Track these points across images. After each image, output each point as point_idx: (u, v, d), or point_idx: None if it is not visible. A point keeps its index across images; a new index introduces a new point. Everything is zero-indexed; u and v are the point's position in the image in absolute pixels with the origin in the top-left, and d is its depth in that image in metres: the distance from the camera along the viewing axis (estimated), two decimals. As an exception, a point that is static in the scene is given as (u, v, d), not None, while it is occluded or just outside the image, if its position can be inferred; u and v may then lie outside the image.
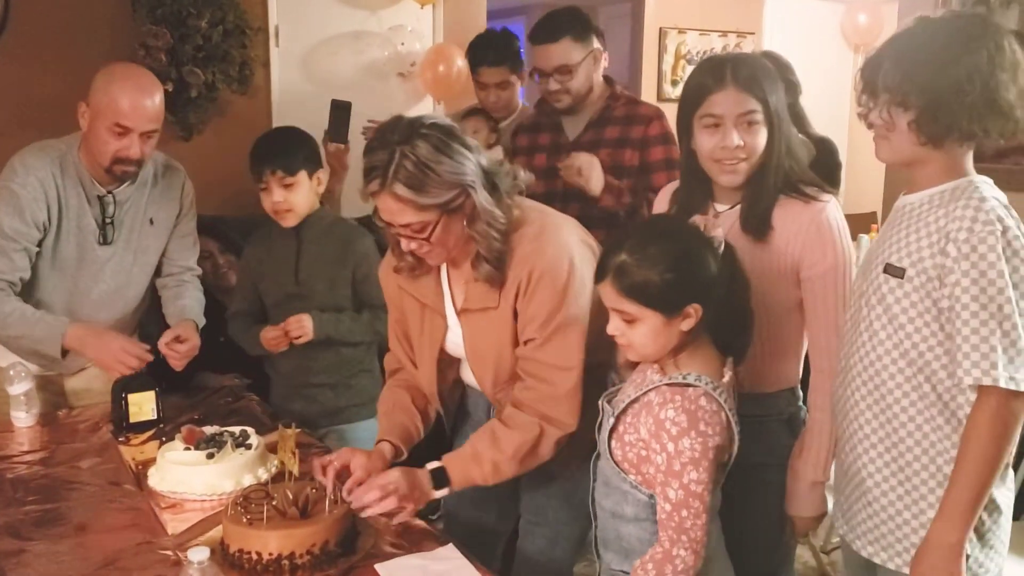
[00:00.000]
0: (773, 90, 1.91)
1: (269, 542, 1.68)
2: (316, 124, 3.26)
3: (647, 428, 1.62)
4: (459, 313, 1.94)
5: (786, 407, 2.02)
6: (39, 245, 2.42)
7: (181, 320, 2.58)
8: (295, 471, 1.83)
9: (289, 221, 2.65)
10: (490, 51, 3.42)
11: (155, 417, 2.41)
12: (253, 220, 3.90)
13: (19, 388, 2.41)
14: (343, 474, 1.84)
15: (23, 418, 2.42)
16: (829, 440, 1.90)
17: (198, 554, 1.38)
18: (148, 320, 2.87)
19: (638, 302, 1.63)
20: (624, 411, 1.69)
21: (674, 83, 5.74)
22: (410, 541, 1.82)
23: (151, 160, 2.57)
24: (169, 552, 1.77)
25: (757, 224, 1.92)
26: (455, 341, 1.98)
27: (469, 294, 1.90)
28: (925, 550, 1.61)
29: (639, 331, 1.65)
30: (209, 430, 2.13)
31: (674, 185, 2.12)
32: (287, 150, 2.62)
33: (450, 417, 2.14)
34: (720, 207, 2.00)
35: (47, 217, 2.40)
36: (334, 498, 1.77)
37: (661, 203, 2.17)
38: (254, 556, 1.69)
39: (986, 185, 1.63)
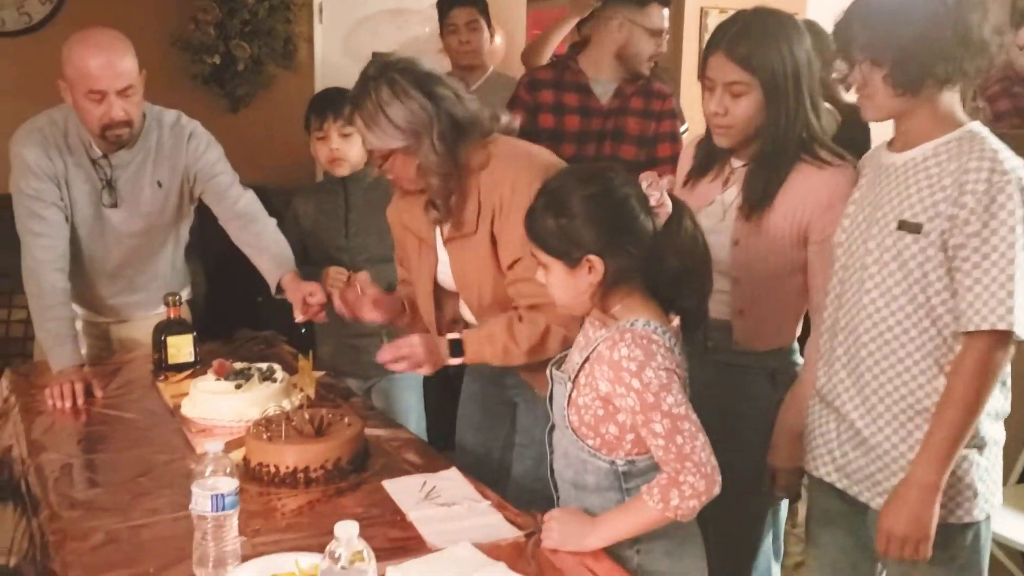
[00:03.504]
0: (778, 60, 1.88)
1: (286, 456, 1.82)
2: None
3: (605, 379, 1.55)
4: (445, 242, 2.07)
5: (770, 361, 2.03)
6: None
7: (286, 277, 2.51)
8: (311, 393, 1.96)
9: (342, 170, 2.80)
10: None
11: (192, 359, 2.55)
12: (296, 188, 4.08)
13: (67, 329, 2.56)
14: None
15: (70, 357, 2.57)
16: None
17: (213, 446, 1.52)
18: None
19: (540, 248, 1.61)
20: (576, 376, 1.62)
21: (713, 62, 5.75)
22: (419, 463, 1.95)
23: (155, 122, 2.55)
24: (196, 466, 1.90)
25: (755, 197, 1.94)
26: (445, 272, 2.11)
27: (447, 226, 2.04)
28: (903, 489, 1.66)
29: (550, 280, 1.62)
30: (239, 365, 2.27)
31: (698, 137, 2.14)
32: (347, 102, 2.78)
33: None
34: (736, 163, 2.03)
35: (55, 171, 2.47)
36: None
37: (686, 154, 2.23)
38: (272, 469, 1.83)
39: (989, 133, 1.66)
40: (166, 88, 2.78)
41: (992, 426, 1.71)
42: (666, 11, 2.95)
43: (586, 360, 1.60)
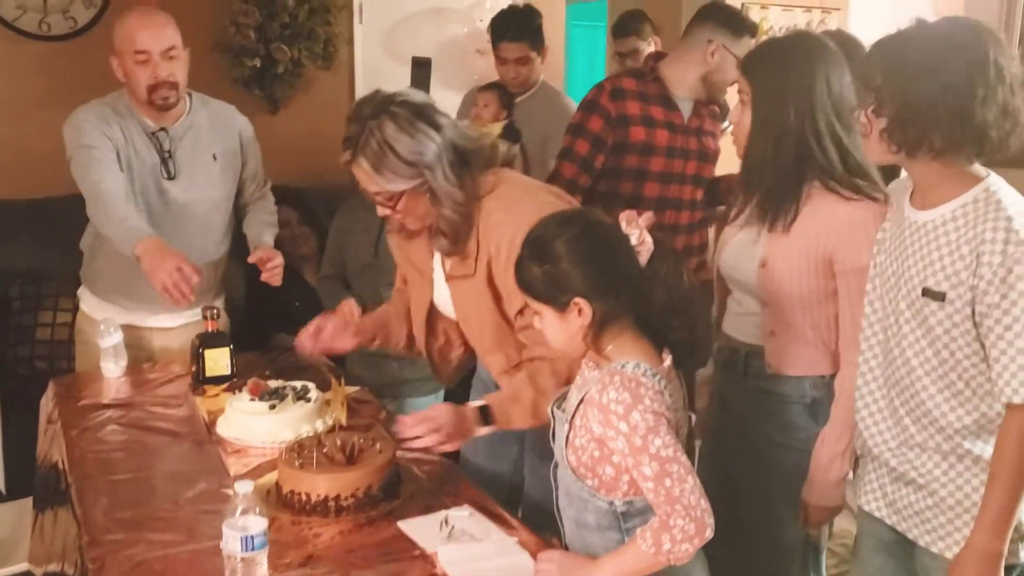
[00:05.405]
0: (778, 80, 1.90)
1: (318, 485, 1.84)
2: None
3: (598, 422, 1.57)
4: (448, 279, 2.06)
5: (811, 390, 2.02)
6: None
7: (257, 246, 2.74)
8: (343, 420, 1.99)
9: None
10: (511, 26, 3.56)
11: (229, 372, 2.59)
12: (334, 191, 4.13)
13: (109, 341, 2.62)
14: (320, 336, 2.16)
15: (112, 369, 2.63)
16: (852, 433, 1.92)
17: (243, 486, 1.55)
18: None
19: (529, 296, 1.64)
20: (572, 416, 1.65)
21: (755, 59, 5.69)
22: (449, 490, 1.97)
23: (201, 102, 2.75)
24: (230, 491, 1.94)
25: (767, 212, 1.96)
26: (445, 304, 2.10)
27: (451, 262, 2.02)
28: (967, 556, 1.65)
29: (544, 325, 1.64)
30: (273, 383, 2.31)
31: None
32: None
33: (444, 378, 2.31)
34: None
35: (114, 136, 2.58)
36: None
37: None
38: (304, 497, 1.85)
39: (1005, 192, 1.62)
40: (206, 90, 2.87)
41: None
42: (753, 41, 2.90)
43: (581, 401, 1.63)
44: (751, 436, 2.07)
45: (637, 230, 1.60)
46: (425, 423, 1.90)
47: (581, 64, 8.05)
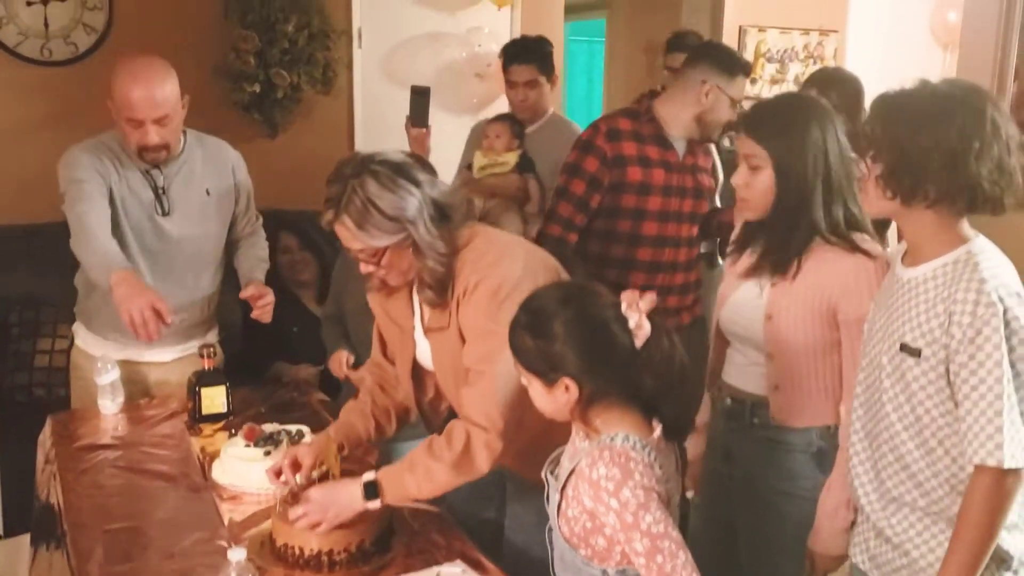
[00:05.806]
0: (794, 138, 1.95)
1: (311, 539, 1.87)
2: (395, 122, 3.46)
3: (589, 496, 1.58)
4: (426, 332, 2.08)
5: (817, 440, 2.05)
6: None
7: (249, 282, 2.77)
8: (337, 473, 2.01)
9: None
10: (522, 51, 3.66)
11: (225, 410, 2.62)
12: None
13: (106, 379, 2.65)
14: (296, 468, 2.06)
15: (109, 406, 2.66)
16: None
17: (236, 554, 1.57)
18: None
19: (520, 364, 1.66)
20: (564, 486, 1.66)
21: (753, 81, 5.72)
22: (441, 543, 1.98)
23: (196, 140, 2.77)
24: (224, 543, 1.96)
25: (774, 266, 2.00)
26: (425, 357, 2.12)
27: (429, 315, 2.05)
28: None
29: (531, 391, 1.67)
30: (268, 428, 2.33)
31: None
32: None
33: (434, 429, 2.25)
34: None
35: (106, 173, 2.61)
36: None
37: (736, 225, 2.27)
38: (297, 551, 1.87)
39: (987, 255, 1.65)
40: (206, 114, 2.88)
41: (1016, 540, 1.70)
42: (748, 82, 2.94)
43: (572, 472, 1.64)
44: (756, 485, 2.10)
45: (636, 315, 1.60)
46: (297, 512, 1.89)
47: (579, 79, 8.10)
